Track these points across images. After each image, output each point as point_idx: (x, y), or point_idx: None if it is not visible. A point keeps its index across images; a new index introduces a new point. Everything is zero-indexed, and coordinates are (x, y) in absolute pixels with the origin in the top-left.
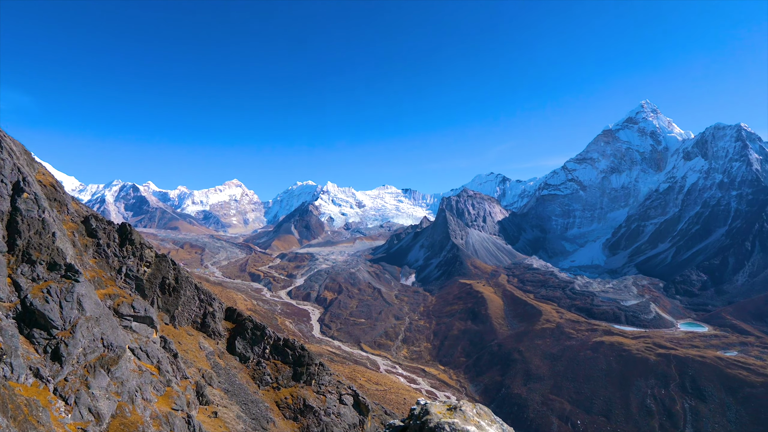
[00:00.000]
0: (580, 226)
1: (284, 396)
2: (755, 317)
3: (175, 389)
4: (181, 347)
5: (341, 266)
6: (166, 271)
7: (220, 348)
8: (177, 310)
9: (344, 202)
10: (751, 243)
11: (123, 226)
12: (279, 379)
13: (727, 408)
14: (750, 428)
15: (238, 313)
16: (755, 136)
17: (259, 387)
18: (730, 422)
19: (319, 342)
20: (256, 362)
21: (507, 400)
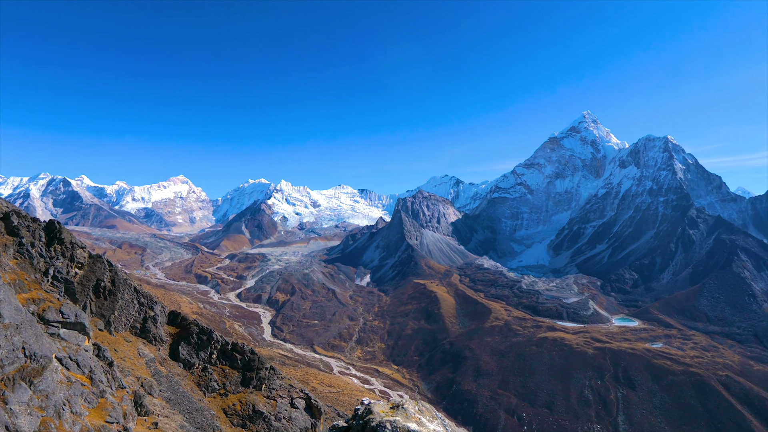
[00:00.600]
0: (527, 228)
1: (232, 402)
2: (678, 312)
3: (109, 400)
4: (118, 355)
5: (295, 267)
6: (101, 272)
7: (162, 354)
8: (113, 315)
9: (299, 202)
10: (675, 244)
11: (51, 224)
12: (227, 385)
13: (653, 395)
14: (673, 412)
15: (183, 317)
16: (679, 148)
17: (205, 394)
18: (655, 408)
19: (271, 345)
20: (202, 368)
21: (458, 397)
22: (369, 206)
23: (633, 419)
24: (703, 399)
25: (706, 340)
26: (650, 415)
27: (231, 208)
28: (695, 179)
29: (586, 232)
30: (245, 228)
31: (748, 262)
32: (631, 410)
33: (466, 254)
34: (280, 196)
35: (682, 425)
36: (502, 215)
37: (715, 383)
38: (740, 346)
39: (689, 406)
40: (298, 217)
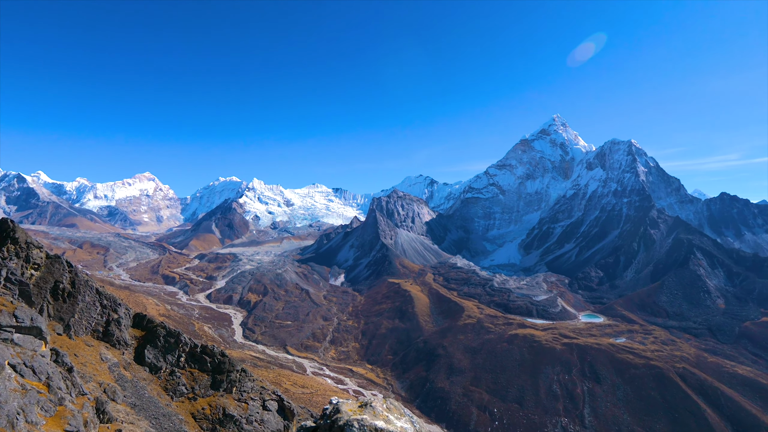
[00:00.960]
0: (499, 228)
1: (201, 406)
2: (639, 308)
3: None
4: (78, 360)
5: (267, 267)
6: (60, 274)
7: (127, 359)
8: (73, 319)
9: (271, 200)
10: (637, 244)
11: (3, 222)
12: (196, 389)
13: (617, 388)
14: (635, 404)
15: (149, 319)
16: (642, 151)
17: (172, 399)
18: (619, 400)
19: (242, 347)
20: (170, 372)
21: (431, 394)
22: (343, 205)
23: (598, 412)
24: (662, 390)
25: (665, 335)
26: (614, 407)
27: (201, 206)
28: (656, 181)
29: (555, 231)
30: (216, 227)
31: (703, 260)
32: (597, 403)
33: (440, 253)
34: (252, 194)
35: (643, 416)
36: (475, 215)
37: (673, 375)
38: (696, 340)
39: (650, 398)
40: (271, 216)
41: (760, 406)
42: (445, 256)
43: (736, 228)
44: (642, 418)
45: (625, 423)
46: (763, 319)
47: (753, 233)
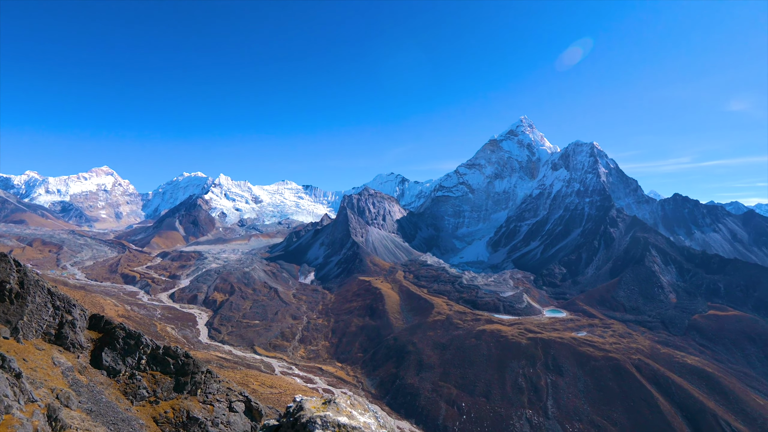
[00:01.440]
0: (468, 226)
1: (164, 410)
2: (599, 303)
3: (17, 416)
4: (27, 365)
5: (234, 265)
6: (6, 273)
7: (82, 362)
8: (22, 321)
9: (239, 197)
10: (598, 241)
11: None
12: (158, 392)
13: (578, 380)
14: (594, 394)
15: (107, 320)
16: (603, 153)
17: (132, 403)
18: (580, 391)
19: (207, 348)
20: (129, 375)
21: (401, 391)
22: (314, 203)
23: (560, 403)
24: (619, 381)
25: (622, 328)
26: (575, 398)
27: (163, 202)
28: (616, 182)
29: (521, 229)
30: (179, 224)
31: (657, 257)
32: (559, 395)
33: (410, 251)
34: (218, 190)
35: (602, 406)
36: (445, 213)
37: (630, 366)
38: (650, 332)
39: (608, 388)
40: (239, 213)
41: (706, 393)
42: (415, 254)
43: (687, 227)
44: (601, 408)
45: (586, 413)
46: (709, 312)
47: (702, 232)
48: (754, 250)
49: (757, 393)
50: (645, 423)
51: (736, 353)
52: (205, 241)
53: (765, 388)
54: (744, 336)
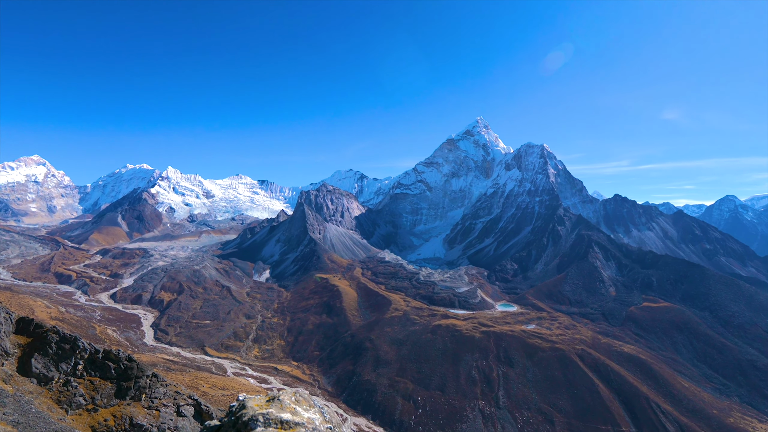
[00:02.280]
0: (426, 223)
1: (104, 418)
2: (547, 296)
3: None
4: None
5: (183, 263)
6: None
7: (8, 370)
8: None
9: (189, 191)
10: (546, 239)
11: None
12: (97, 399)
13: (527, 370)
14: (542, 384)
15: (37, 323)
16: (553, 155)
17: (67, 412)
18: (529, 381)
19: (153, 350)
20: (64, 382)
21: (358, 387)
22: (270, 198)
23: (511, 393)
24: (564, 370)
25: (568, 320)
26: (524, 388)
27: (104, 196)
28: (563, 183)
29: (476, 227)
30: (122, 219)
31: (599, 253)
32: (510, 385)
33: (369, 248)
34: (166, 184)
35: (549, 394)
36: (404, 210)
37: (574, 356)
38: (592, 324)
39: (554, 378)
40: (188, 208)
41: (640, 378)
42: (374, 251)
43: (626, 225)
44: (547, 396)
45: (534, 402)
46: (644, 304)
47: (638, 230)
48: (682, 247)
49: (682, 377)
50: (587, 408)
51: (665, 341)
52: (151, 237)
53: (690, 372)
54: (673, 325)
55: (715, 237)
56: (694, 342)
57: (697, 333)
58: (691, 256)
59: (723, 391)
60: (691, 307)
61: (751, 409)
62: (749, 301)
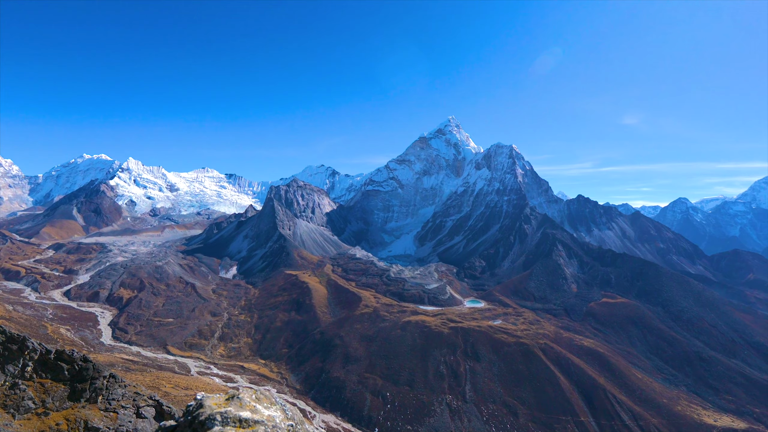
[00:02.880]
0: (397, 220)
1: (55, 422)
2: (513, 293)
3: None
4: None
5: (144, 259)
6: None
7: None
8: None
9: (151, 184)
10: (513, 237)
11: None
12: (48, 403)
13: (493, 364)
14: (507, 377)
15: None
16: (521, 156)
17: (14, 417)
18: (494, 375)
19: (111, 350)
20: (11, 385)
21: (326, 384)
22: (238, 193)
23: (477, 387)
24: (528, 364)
25: (532, 316)
26: (490, 381)
27: (57, 187)
28: (530, 183)
29: (446, 225)
30: (78, 212)
31: (563, 251)
32: (476, 379)
33: (339, 244)
34: (126, 176)
35: (513, 387)
36: (375, 207)
37: (537, 350)
38: (555, 319)
39: (519, 371)
40: (151, 201)
41: (598, 371)
42: (344, 247)
43: (587, 225)
44: (512, 389)
45: (499, 395)
46: (603, 300)
47: (599, 229)
48: (639, 246)
49: (637, 368)
50: (549, 400)
51: (622, 335)
52: (109, 232)
53: (643, 364)
54: (629, 320)
55: (668, 237)
56: (647, 335)
57: (651, 327)
58: (647, 255)
59: (672, 381)
60: (645, 303)
61: (696, 397)
62: (697, 297)
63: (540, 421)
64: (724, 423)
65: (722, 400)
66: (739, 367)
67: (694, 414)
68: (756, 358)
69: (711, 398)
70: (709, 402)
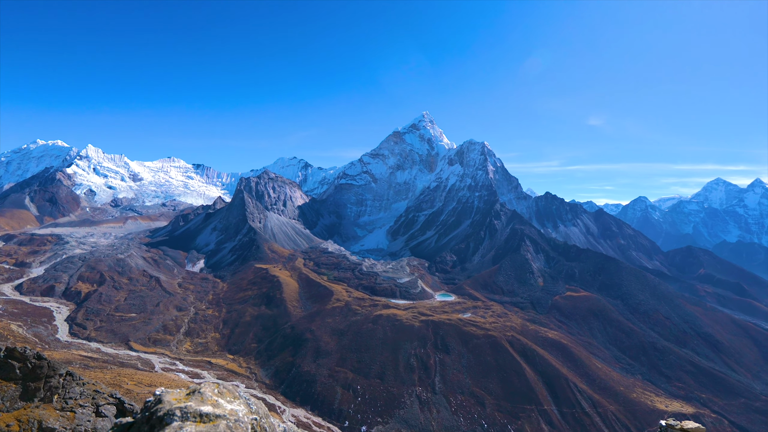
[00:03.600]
0: (370, 214)
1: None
2: (483, 287)
3: None
4: None
5: (105, 251)
6: None
7: None
8: None
9: (113, 173)
10: (484, 232)
11: None
12: None
13: (462, 356)
14: (475, 369)
15: None
16: (492, 153)
17: None
18: (463, 367)
19: (68, 347)
20: None
21: (297, 379)
22: (206, 184)
23: (446, 378)
24: (495, 355)
25: (500, 309)
26: (459, 373)
27: (8, 174)
28: (501, 179)
29: (419, 219)
30: (31, 202)
31: (530, 246)
32: (446, 371)
33: (311, 238)
34: (85, 164)
35: (481, 378)
36: (348, 201)
37: (504, 342)
38: (522, 312)
39: (486, 363)
40: (112, 191)
41: (561, 361)
42: (316, 241)
43: (554, 221)
44: (480, 380)
45: (467, 386)
46: (567, 294)
47: (565, 225)
48: (601, 242)
49: (597, 358)
50: (515, 390)
51: (584, 327)
52: (66, 223)
53: (603, 354)
54: (590, 312)
55: (628, 233)
56: (607, 327)
57: (610, 319)
58: (609, 250)
59: (629, 370)
60: (606, 296)
61: (650, 385)
62: (653, 291)
63: (506, 410)
64: (674, 408)
65: (673, 387)
66: (689, 356)
67: (648, 401)
68: (704, 347)
69: (663, 385)
70: (661, 389)
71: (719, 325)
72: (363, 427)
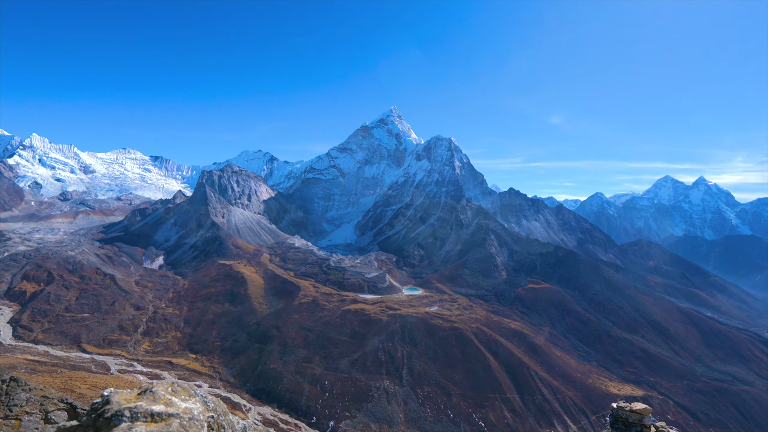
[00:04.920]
0: (338, 209)
1: None
2: (449, 280)
3: None
4: None
5: (53, 248)
6: None
7: None
8: None
9: (61, 164)
10: (450, 227)
11: None
12: None
13: (428, 348)
14: (441, 360)
15: None
16: (459, 148)
17: None
18: (429, 359)
19: (12, 350)
20: None
21: (263, 377)
22: (164, 177)
23: (413, 371)
24: (461, 347)
25: (466, 302)
26: (425, 365)
27: None
28: (467, 175)
29: (387, 214)
30: None
31: (495, 241)
32: (413, 363)
33: (278, 233)
34: (29, 154)
35: (446, 369)
36: (316, 196)
37: (469, 334)
38: (486, 304)
39: (452, 354)
40: (60, 184)
41: (523, 351)
42: (283, 236)
43: (517, 216)
44: (446, 372)
45: (434, 377)
46: (529, 286)
47: (528, 220)
48: (561, 236)
49: (556, 347)
50: (479, 380)
51: (544, 317)
52: (8, 218)
53: (562, 343)
54: (550, 303)
55: (586, 228)
56: (566, 317)
57: (569, 309)
58: (567, 244)
59: (585, 358)
60: (565, 288)
61: (605, 371)
62: (608, 282)
63: (471, 399)
64: (626, 392)
65: (625, 371)
66: (639, 342)
67: (603, 386)
68: (653, 334)
69: (616, 371)
70: (614, 374)
71: (666, 313)
72: (330, 422)
